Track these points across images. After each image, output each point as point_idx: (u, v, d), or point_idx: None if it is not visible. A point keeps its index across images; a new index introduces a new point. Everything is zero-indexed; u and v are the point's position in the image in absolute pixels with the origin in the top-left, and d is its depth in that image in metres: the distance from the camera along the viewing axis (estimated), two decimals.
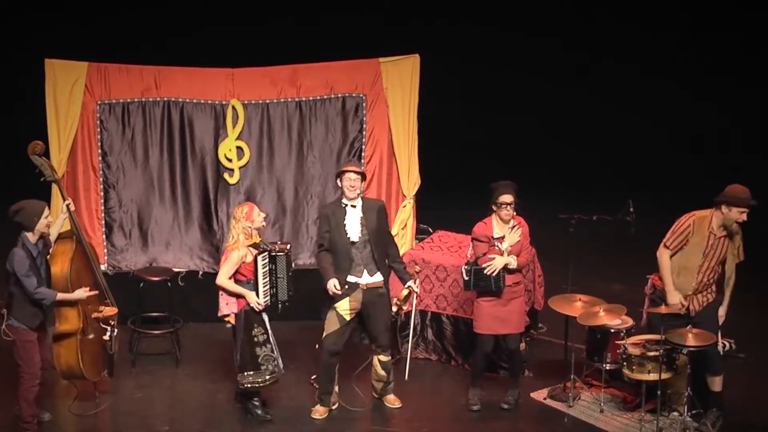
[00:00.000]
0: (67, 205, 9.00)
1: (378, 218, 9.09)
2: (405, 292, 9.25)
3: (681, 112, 14.72)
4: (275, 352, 9.06)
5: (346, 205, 9.06)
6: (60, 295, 8.58)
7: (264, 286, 8.91)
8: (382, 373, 9.35)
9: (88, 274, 9.05)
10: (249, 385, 9.01)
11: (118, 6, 13.09)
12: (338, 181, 9.12)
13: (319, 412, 9.27)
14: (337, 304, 9.03)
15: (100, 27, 12.73)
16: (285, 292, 9.01)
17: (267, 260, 8.91)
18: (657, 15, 14.69)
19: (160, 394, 9.65)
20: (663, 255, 9.01)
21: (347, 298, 9.03)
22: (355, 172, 9.01)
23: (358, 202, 9.08)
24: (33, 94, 10.65)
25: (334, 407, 9.35)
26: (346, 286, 9.01)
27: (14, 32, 12.77)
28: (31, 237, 8.50)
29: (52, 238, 8.88)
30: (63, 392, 9.42)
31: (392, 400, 9.46)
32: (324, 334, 9.11)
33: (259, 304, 8.89)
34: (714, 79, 14.63)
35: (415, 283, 9.26)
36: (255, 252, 8.89)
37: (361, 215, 9.05)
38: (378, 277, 9.10)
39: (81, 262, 8.98)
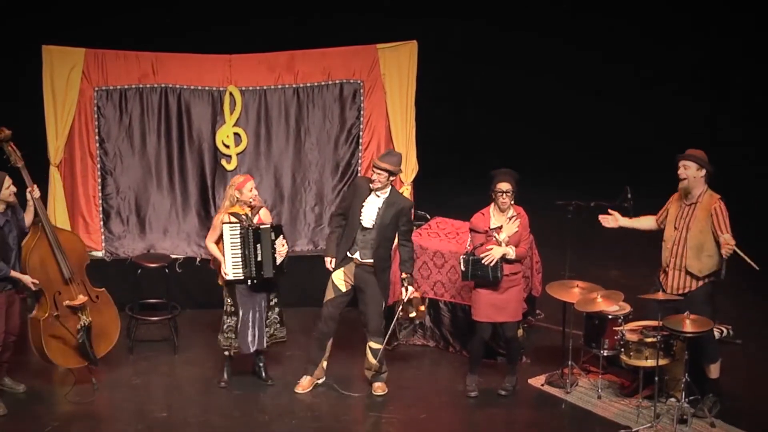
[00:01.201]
0: (29, 192, 8.96)
1: (394, 216, 9.10)
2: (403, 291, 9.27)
3: (681, 110, 14.77)
4: (251, 332, 9.14)
5: (371, 191, 9.12)
6: (14, 273, 8.70)
7: (233, 258, 8.98)
8: (373, 361, 9.32)
9: (53, 262, 9.04)
10: (220, 346, 9.30)
11: (118, 6, 13.13)
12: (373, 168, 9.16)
13: (302, 386, 9.34)
14: (332, 274, 9.19)
15: (99, 27, 12.73)
16: (252, 270, 9.02)
17: (236, 232, 8.97)
18: (658, 14, 14.75)
19: (158, 380, 9.64)
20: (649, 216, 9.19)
21: (341, 269, 9.18)
22: (380, 168, 9.01)
23: (384, 195, 9.11)
24: (32, 92, 10.68)
25: (319, 381, 9.40)
26: (342, 259, 9.18)
27: (13, 31, 12.84)
28: None
29: (27, 223, 8.96)
30: (61, 379, 9.42)
31: (375, 387, 9.41)
32: (324, 300, 9.25)
33: (225, 273, 9.03)
34: (715, 78, 14.70)
35: (406, 291, 9.22)
36: (233, 220, 8.99)
37: (380, 206, 9.08)
38: (370, 261, 9.16)
39: (46, 249, 8.98)
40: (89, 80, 10.51)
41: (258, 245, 9.01)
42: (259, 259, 9.02)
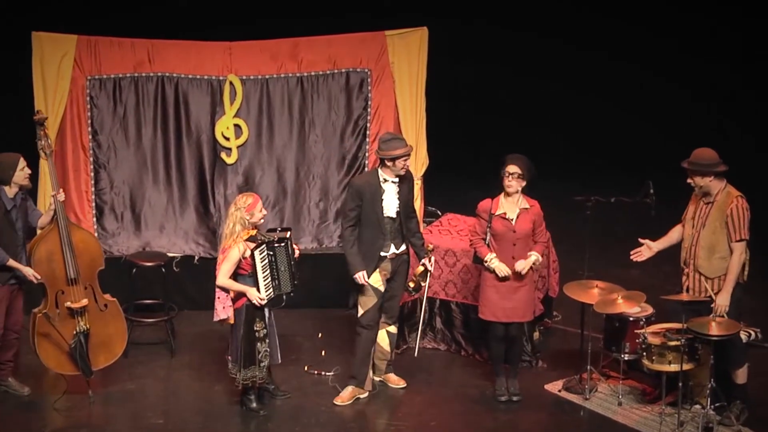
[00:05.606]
0: (53, 196, 8.88)
1: (409, 191, 9.09)
2: (420, 268, 9.22)
3: (684, 109, 14.95)
4: (275, 343, 8.95)
5: (387, 180, 8.93)
6: (11, 262, 8.67)
7: (265, 280, 8.71)
8: (387, 349, 9.27)
9: (60, 258, 8.90)
10: (245, 381, 8.85)
11: (118, 5, 13.17)
12: (385, 161, 8.87)
13: (342, 398, 9.16)
14: (370, 279, 8.99)
15: (99, 25, 12.68)
16: (288, 284, 8.83)
17: (265, 253, 8.71)
18: (659, 15, 14.90)
19: (154, 385, 9.52)
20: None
21: (377, 270, 8.99)
22: (405, 154, 8.87)
23: (397, 178, 9.03)
24: (20, 80, 10.61)
25: (362, 396, 9.23)
26: (376, 262, 9.02)
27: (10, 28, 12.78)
28: (8, 190, 8.69)
29: (40, 224, 8.91)
30: (53, 383, 9.27)
31: (397, 381, 9.41)
32: (361, 312, 9.04)
33: (261, 299, 8.70)
34: (716, 78, 14.81)
35: (429, 261, 9.18)
36: (252, 246, 8.65)
37: (398, 189, 8.96)
38: (403, 247, 9.11)
39: (55, 244, 8.87)
40: (81, 69, 10.42)
41: (291, 257, 8.85)
42: (293, 269, 8.85)
